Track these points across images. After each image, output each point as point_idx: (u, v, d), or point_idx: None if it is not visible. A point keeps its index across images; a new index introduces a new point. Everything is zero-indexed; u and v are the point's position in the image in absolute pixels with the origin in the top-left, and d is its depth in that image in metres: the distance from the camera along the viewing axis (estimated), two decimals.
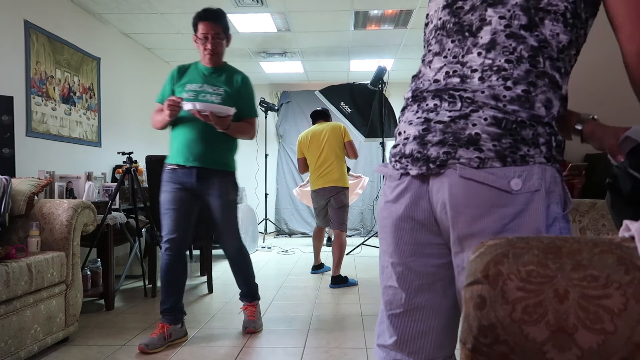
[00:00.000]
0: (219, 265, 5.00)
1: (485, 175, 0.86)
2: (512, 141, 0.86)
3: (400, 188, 0.98)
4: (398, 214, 0.99)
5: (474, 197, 0.87)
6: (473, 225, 0.88)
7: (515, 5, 0.89)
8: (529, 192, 0.85)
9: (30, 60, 3.86)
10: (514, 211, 0.85)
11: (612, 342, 0.51)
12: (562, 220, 0.88)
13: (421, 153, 0.93)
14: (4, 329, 2.09)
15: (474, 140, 0.87)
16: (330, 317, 3.11)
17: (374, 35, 5.61)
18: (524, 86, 0.87)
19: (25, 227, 2.59)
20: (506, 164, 0.85)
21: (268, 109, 7.24)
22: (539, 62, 0.88)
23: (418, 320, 1.01)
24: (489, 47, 0.90)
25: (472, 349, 0.56)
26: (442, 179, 0.91)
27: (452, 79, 0.93)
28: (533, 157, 0.86)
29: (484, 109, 0.88)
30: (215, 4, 4.59)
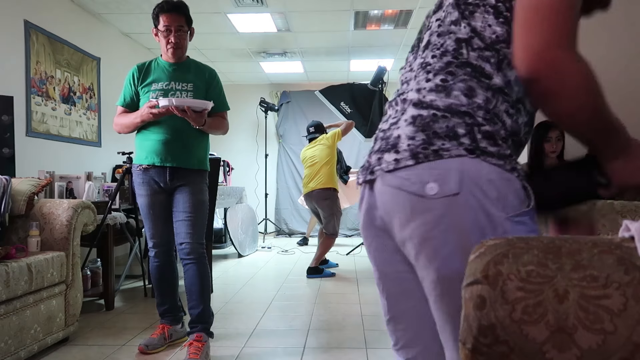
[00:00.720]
0: (219, 265, 5.01)
1: (401, 181, 0.83)
2: (425, 137, 0.82)
3: (360, 198, 1.00)
4: (362, 224, 1.00)
5: (397, 203, 0.85)
6: (403, 231, 0.86)
7: (449, 5, 0.90)
8: (446, 195, 0.79)
9: (30, 60, 3.86)
10: (434, 217, 0.80)
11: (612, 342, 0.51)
12: (508, 223, 0.79)
13: (369, 162, 0.93)
14: (4, 329, 2.09)
15: (395, 144, 0.86)
16: (330, 317, 3.11)
17: (374, 35, 5.61)
18: (442, 75, 0.86)
19: (25, 227, 2.59)
20: (419, 161, 0.81)
21: (268, 109, 7.24)
22: (461, 54, 0.86)
23: (408, 327, 0.99)
24: (424, 48, 0.92)
25: (472, 349, 0.56)
26: (375, 186, 0.90)
27: (403, 85, 0.95)
28: (448, 150, 0.80)
29: (407, 109, 0.88)
30: (215, 4, 4.60)
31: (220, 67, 6.95)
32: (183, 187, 2.42)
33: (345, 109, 5.97)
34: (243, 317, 3.09)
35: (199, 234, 2.44)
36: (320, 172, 4.49)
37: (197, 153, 2.47)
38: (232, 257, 5.58)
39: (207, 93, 2.50)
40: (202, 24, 5.16)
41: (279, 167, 7.88)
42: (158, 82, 2.41)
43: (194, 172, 2.45)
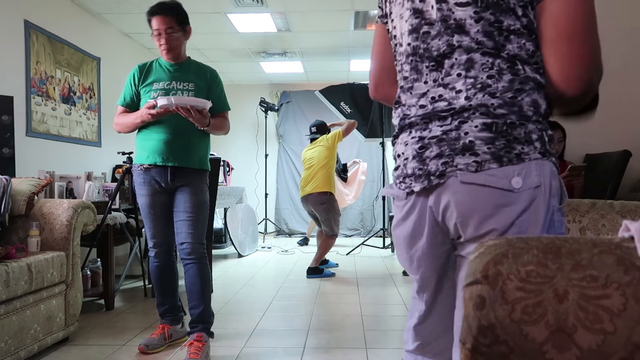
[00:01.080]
0: (219, 265, 5.01)
1: (486, 177, 0.89)
2: (506, 142, 0.89)
3: (408, 206, 1.03)
4: (409, 231, 1.04)
5: (478, 200, 0.90)
6: (482, 227, 0.91)
7: (478, 32, 0.92)
8: (530, 188, 0.88)
9: (30, 60, 3.86)
10: (519, 209, 0.88)
11: (612, 342, 0.51)
12: (557, 213, 0.91)
13: (422, 170, 0.97)
14: (4, 329, 2.09)
15: (469, 147, 0.90)
16: (330, 317, 3.11)
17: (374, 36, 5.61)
18: (511, 93, 0.90)
19: (25, 227, 2.59)
20: (503, 164, 0.88)
21: (268, 109, 7.24)
22: (519, 70, 0.91)
23: (437, 322, 1.07)
24: (467, 67, 0.93)
25: (471, 349, 0.56)
26: (444, 188, 0.94)
27: (439, 103, 0.96)
28: (528, 154, 0.88)
29: (472, 118, 0.91)
30: (215, 4, 4.60)
31: (220, 67, 6.95)
32: (184, 187, 2.41)
33: (345, 109, 5.97)
34: (243, 317, 3.09)
35: (199, 233, 2.43)
36: (317, 175, 4.46)
37: (199, 152, 2.47)
38: (232, 257, 5.58)
39: (208, 93, 2.50)
40: (202, 24, 5.16)
41: (279, 167, 7.88)
42: (159, 82, 2.41)
43: (195, 172, 2.44)
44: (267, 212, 7.33)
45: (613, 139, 3.41)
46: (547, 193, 0.89)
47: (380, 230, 6.12)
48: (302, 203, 4.71)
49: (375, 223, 7.47)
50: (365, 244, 5.94)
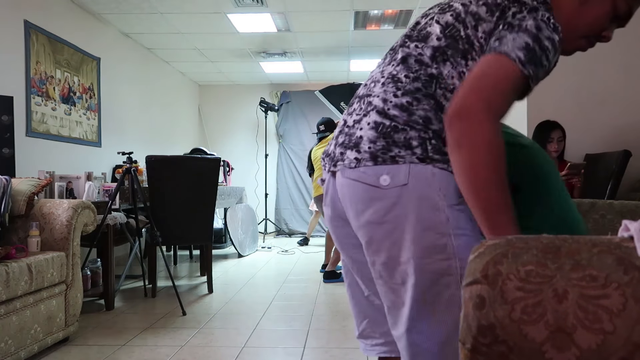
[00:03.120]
0: (219, 265, 5.01)
1: (359, 174, 0.97)
2: (385, 144, 0.95)
3: (325, 188, 1.12)
4: (328, 214, 1.12)
5: (355, 193, 0.98)
6: (359, 218, 0.98)
7: (432, 39, 1.01)
8: (397, 186, 0.93)
9: (30, 60, 3.86)
10: (387, 204, 0.94)
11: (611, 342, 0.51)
12: (449, 210, 0.93)
13: (333, 153, 1.05)
14: (4, 329, 2.09)
15: (357, 143, 0.99)
16: (330, 317, 3.11)
17: (374, 35, 5.61)
18: (409, 98, 0.97)
19: (25, 227, 2.59)
20: (377, 163, 0.95)
21: (268, 109, 7.24)
22: (430, 87, 0.97)
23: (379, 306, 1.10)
24: (400, 61, 1.02)
25: (471, 349, 0.56)
26: (337, 178, 1.03)
27: (372, 84, 1.06)
28: (403, 157, 0.94)
29: (370, 114, 0.99)
30: (215, 4, 4.60)
31: (220, 67, 6.96)
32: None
33: (345, 109, 5.97)
34: (243, 317, 3.09)
35: None
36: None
37: None
38: (232, 257, 5.58)
39: None
40: (202, 24, 5.16)
41: (279, 167, 7.88)
42: None
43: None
44: (267, 212, 7.33)
45: (613, 139, 3.41)
46: (419, 192, 0.93)
47: None
48: (316, 203, 4.64)
49: None
50: None
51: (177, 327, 2.88)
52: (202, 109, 8.01)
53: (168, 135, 6.73)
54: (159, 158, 3.55)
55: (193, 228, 3.69)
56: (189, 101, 7.63)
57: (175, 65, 6.84)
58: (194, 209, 3.64)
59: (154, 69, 6.29)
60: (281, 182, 7.85)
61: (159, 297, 3.66)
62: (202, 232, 3.74)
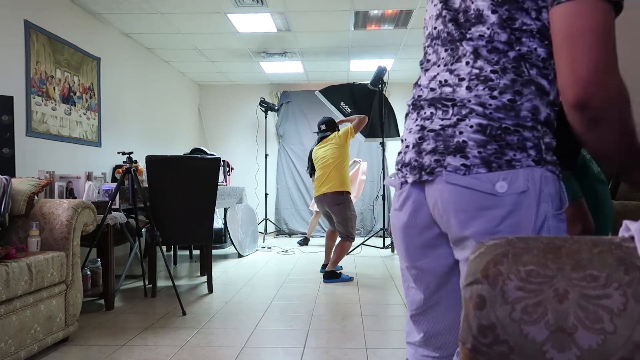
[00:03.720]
0: (219, 265, 5.01)
1: (470, 180, 0.89)
2: (498, 147, 0.88)
3: (403, 196, 1.04)
4: (404, 221, 1.04)
5: (462, 201, 0.90)
6: (465, 228, 0.91)
7: (494, 24, 0.92)
8: (515, 193, 0.87)
9: (30, 60, 3.86)
10: (503, 212, 0.87)
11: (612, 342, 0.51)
12: (552, 219, 0.89)
13: (417, 161, 0.97)
14: (4, 329, 2.09)
15: (461, 148, 0.90)
16: (330, 317, 3.11)
17: (374, 35, 5.61)
18: (510, 95, 0.89)
19: (25, 227, 2.59)
20: (491, 170, 0.87)
21: (268, 109, 7.24)
22: (523, 72, 0.90)
23: (439, 316, 1.06)
24: (475, 57, 0.93)
25: (471, 349, 0.56)
26: (433, 185, 0.95)
27: (445, 88, 0.96)
28: (520, 161, 0.87)
29: (470, 117, 0.91)
30: (215, 4, 4.60)
31: (220, 67, 6.96)
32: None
33: (345, 109, 5.97)
34: (243, 317, 3.09)
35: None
36: (332, 174, 4.34)
37: None
38: (232, 257, 5.58)
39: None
40: (202, 24, 5.16)
41: (279, 167, 7.88)
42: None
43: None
44: (267, 212, 7.33)
45: None
46: (535, 199, 0.87)
47: (380, 230, 6.12)
48: (317, 203, 4.56)
49: (375, 223, 7.47)
50: (365, 244, 5.94)
51: (177, 327, 2.88)
52: (202, 109, 8.01)
53: (168, 135, 6.73)
54: (159, 158, 3.55)
55: (193, 228, 3.69)
56: (189, 101, 7.63)
57: (175, 65, 6.84)
58: (194, 209, 3.64)
59: (154, 69, 6.29)
60: (281, 182, 7.85)
61: (159, 297, 3.66)
62: (202, 232, 3.74)
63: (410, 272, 1.08)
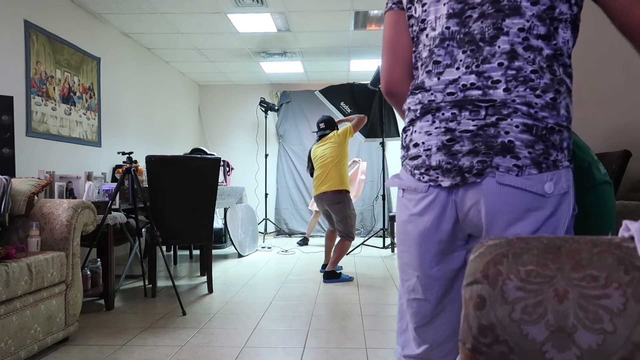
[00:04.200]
0: (219, 265, 5.01)
1: (523, 180, 0.90)
2: (544, 147, 0.89)
3: (428, 200, 0.99)
4: (426, 227, 1.00)
5: (510, 203, 0.90)
6: (508, 229, 0.91)
7: (533, 16, 0.90)
8: (559, 194, 0.90)
9: (30, 60, 3.86)
10: (547, 213, 0.90)
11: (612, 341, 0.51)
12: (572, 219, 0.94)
13: (451, 164, 0.94)
14: (4, 329, 2.09)
15: (509, 148, 0.89)
16: (330, 317, 3.11)
17: (374, 35, 5.61)
18: (552, 94, 0.90)
19: (25, 227, 2.59)
20: (542, 170, 0.89)
21: (268, 109, 7.24)
22: (555, 72, 0.91)
23: (446, 323, 1.04)
24: (511, 57, 0.90)
25: (471, 349, 0.56)
26: (477, 187, 0.93)
27: (471, 91, 0.93)
28: (561, 161, 0.91)
29: (512, 116, 0.89)
30: (215, 4, 4.60)
31: (220, 67, 6.95)
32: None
33: (345, 109, 5.97)
34: (243, 317, 3.09)
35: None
36: (331, 173, 4.33)
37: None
38: (232, 257, 5.58)
39: None
40: (202, 24, 5.16)
41: (279, 167, 7.88)
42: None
43: None
44: (267, 212, 7.33)
45: (613, 139, 3.41)
46: (571, 199, 0.92)
47: (380, 230, 6.11)
48: (316, 202, 4.54)
49: (375, 223, 7.47)
50: (365, 244, 5.94)
51: (177, 327, 2.88)
52: (202, 109, 8.01)
53: (168, 135, 6.73)
54: (159, 158, 3.55)
55: (193, 228, 3.69)
56: (189, 101, 7.63)
57: (175, 65, 6.84)
58: (194, 209, 3.64)
59: (154, 69, 6.29)
60: (281, 182, 7.85)
61: (159, 297, 3.66)
62: (202, 232, 3.74)
63: (421, 281, 1.04)
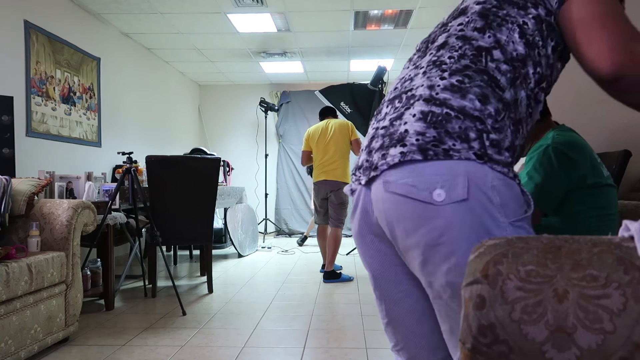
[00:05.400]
0: (219, 265, 5.01)
1: (408, 188, 0.82)
2: (436, 134, 0.82)
3: (354, 202, 0.98)
4: (356, 229, 0.99)
5: (402, 211, 0.84)
6: (408, 238, 0.85)
7: (474, 13, 0.92)
8: (454, 202, 0.79)
9: (30, 60, 3.86)
10: (443, 223, 0.80)
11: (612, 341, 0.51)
12: (511, 227, 0.81)
13: (368, 161, 0.91)
14: (4, 329, 2.09)
15: (402, 138, 0.85)
16: (330, 317, 3.11)
17: (374, 35, 5.61)
18: (459, 77, 0.86)
19: (25, 227, 2.59)
20: (427, 158, 0.81)
21: (268, 109, 7.25)
22: (480, 61, 0.88)
23: (405, 329, 1.00)
24: (438, 47, 0.93)
25: (471, 349, 0.56)
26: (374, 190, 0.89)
27: (406, 82, 0.94)
28: (459, 151, 0.80)
29: (415, 104, 0.86)
30: (215, 4, 4.60)
31: (220, 67, 6.95)
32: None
33: (345, 109, 5.97)
34: (243, 317, 3.09)
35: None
36: (338, 163, 4.25)
37: None
38: (232, 257, 5.58)
39: None
40: (202, 24, 5.16)
41: (279, 167, 7.88)
42: None
43: None
44: (267, 212, 7.33)
45: (613, 139, 3.41)
46: (480, 207, 0.79)
47: None
48: (316, 187, 4.41)
49: None
50: None
51: (177, 327, 2.88)
52: (202, 109, 8.01)
53: (168, 135, 6.73)
54: (159, 158, 3.55)
55: (193, 228, 3.69)
56: (189, 101, 7.63)
57: (175, 65, 6.84)
58: (194, 209, 3.64)
59: (154, 69, 6.29)
60: (281, 182, 7.85)
61: (159, 297, 3.66)
62: (202, 232, 3.74)
63: (372, 281, 1.03)
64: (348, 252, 5.81)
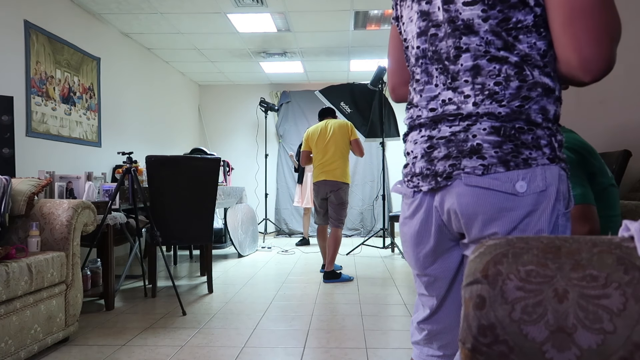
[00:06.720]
0: (219, 265, 5.01)
1: (490, 181, 0.89)
2: (513, 146, 0.89)
3: (415, 204, 1.05)
4: (415, 229, 1.06)
5: (482, 203, 0.91)
6: (485, 230, 0.92)
7: (487, 32, 0.91)
8: (534, 193, 0.88)
9: (30, 60, 3.86)
10: (523, 213, 0.88)
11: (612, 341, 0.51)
12: (562, 217, 0.91)
13: (430, 169, 0.98)
14: (4, 329, 2.09)
15: (476, 150, 0.91)
16: (330, 317, 3.11)
17: (374, 35, 5.61)
18: (519, 102, 0.90)
19: (25, 227, 2.59)
20: (509, 169, 0.88)
21: (268, 109, 7.25)
22: (527, 76, 0.90)
23: (445, 316, 1.09)
24: (474, 73, 0.93)
25: (471, 349, 0.56)
26: (449, 190, 0.95)
27: (448, 106, 0.97)
28: (536, 159, 0.89)
29: (481, 121, 0.92)
30: (215, 4, 4.60)
31: (220, 67, 6.95)
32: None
33: (345, 109, 5.97)
34: (243, 317, 3.09)
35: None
36: (338, 163, 4.25)
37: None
38: (232, 257, 5.58)
39: None
40: (202, 24, 5.16)
41: (279, 167, 7.88)
42: None
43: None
44: (267, 212, 7.33)
45: (613, 139, 3.41)
46: (552, 198, 0.89)
47: (380, 230, 6.12)
48: (315, 187, 4.39)
49: (375, 223, 7.47)
50: (365, 244, 5.94)
51: (177, 327, 2.88)
52: (202, 109, 8.01)
53: (168, 135, 6.73)
54: (159, 158, 3.55)
55: (193, 228, 3.69)
56: (189, 101, 7.63)
57: (175, 65, 6.84)
58: (194, 209, 3.64)
59: (154, 69, 6.29)
60: (281, 182, 7.85)
61: (159, 297, 3.66)
62: (202, 232, 3.74)
63: (421, 279, 1.10)
64: (348, 252, 5.81)
